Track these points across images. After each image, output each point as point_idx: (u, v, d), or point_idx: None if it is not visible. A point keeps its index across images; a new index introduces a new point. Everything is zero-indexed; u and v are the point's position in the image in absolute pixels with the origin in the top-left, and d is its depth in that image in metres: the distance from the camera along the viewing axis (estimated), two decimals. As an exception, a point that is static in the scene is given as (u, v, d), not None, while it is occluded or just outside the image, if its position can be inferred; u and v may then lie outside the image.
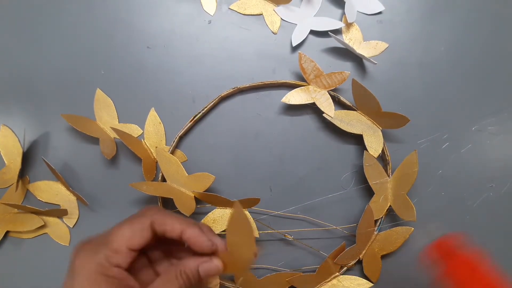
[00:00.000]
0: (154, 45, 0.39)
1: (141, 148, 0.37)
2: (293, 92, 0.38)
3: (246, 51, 0.40)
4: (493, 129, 0.40)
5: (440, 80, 0.40)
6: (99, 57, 0.39)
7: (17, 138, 0.39)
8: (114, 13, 0.40)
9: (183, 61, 0.39)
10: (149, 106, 0.39)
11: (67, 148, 0.39)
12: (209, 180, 0.35)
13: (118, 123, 0.39)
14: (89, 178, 0.39)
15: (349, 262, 0.37)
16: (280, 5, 0.40)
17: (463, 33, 0.40)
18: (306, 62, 0.37)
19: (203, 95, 0.39)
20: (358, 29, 0.40)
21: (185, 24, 0.40)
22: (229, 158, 0.39)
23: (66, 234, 0.39)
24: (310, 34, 0.40)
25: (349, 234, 0.38)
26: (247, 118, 0.39)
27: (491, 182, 0.39)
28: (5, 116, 0.39)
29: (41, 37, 0.39)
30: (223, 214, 0.37)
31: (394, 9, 0.40)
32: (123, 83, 0.39)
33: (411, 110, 0.39)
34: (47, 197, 0.39)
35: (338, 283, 0.37)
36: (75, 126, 0.37)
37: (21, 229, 0.38)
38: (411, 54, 0.40)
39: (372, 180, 0.37)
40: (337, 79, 0.37)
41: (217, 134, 0.39)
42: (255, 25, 0.40)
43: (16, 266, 0.39)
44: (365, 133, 0.37)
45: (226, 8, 0.40)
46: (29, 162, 0.39)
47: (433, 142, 0.39)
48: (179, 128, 0.38)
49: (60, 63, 0.39)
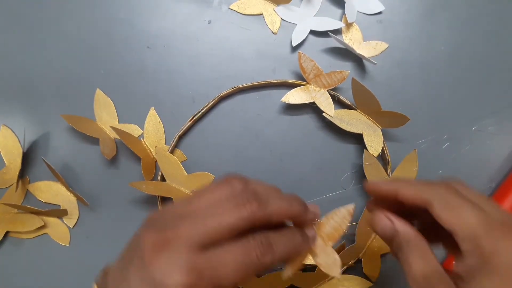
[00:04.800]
0: (154, 45, 0.39)
1: (140, 148, 0.37)
2: (292, 92, 0.38)
3: (246, 51, 0.40)
4: (493, 129, 0.40)
5: (440, 80, 0.40)
6: (99, 57, 0.39)
7: (17, 138, 0.39)
8: (114, 13, 0.40)
9: (183, 61, 0.39)
10: (149, 106, 0.39)
11: (67, 148, 0.39)
12: (209, 179, 0.35)
13: (118, 123, 0.39)
14: (89, 178, 0.39)
15: (349, 261, 0.37)
16: (280, 5, 0.40)
17: (463, 33, 0.40)
18: (306, 61, 0.37)
19: (203, 95, 0.39)
20: (358, 29, 0.40)
21: (185, 24, 0.40)
22: (228, 158, 0.39)
23: (66, 234, 0.39)
24: (310, 34, 0.40)
25: (348, 233, 0.38)
26: (247, 117, 0.39)
27: (491, 182, 0.39)
28: (5, 116, 0.39)
29: (41, 37, 0.40)
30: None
31: (394, 9, 0.40)
32: (123, 83, 0.39)
33: (411, 110, 0.39)
34: (47, 198, 0.39)
35: (337, 282, 0.37)
36: (75, 126, 0.37)
37: (21, 229, 0.38)
38: (411, 54, 0.40)
39: (372, 179, 0.37)
40: (337, 78, 0.37)
41: (216, 133, 0.39)
42: (255, 25, 0.40)
43: (16, 266, 0.39)
44: (365, 132, 0.37)
45: (226, 8, 0.40)
46: (29, 162, 0.39)
47: (433, 142, 0.39)
48: (179, 127, 0.38)
49: (60, 63, 0.39)
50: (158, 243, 0.20)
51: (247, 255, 0.21)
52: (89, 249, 0.39)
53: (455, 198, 0.22)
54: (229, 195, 0.23)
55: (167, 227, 0.21)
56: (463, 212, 0.22)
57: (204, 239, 0.21)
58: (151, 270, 0.20)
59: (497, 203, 0.22)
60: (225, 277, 0.20)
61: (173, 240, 0.20)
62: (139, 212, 0.39)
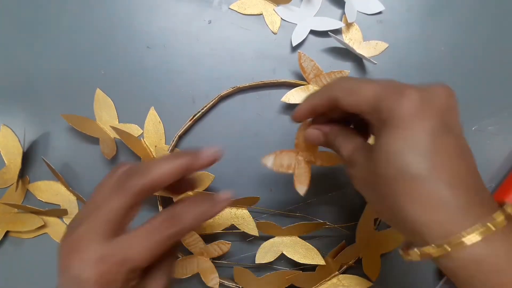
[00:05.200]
0: (154, 45, 0.39)
1: (140, 147, 0.37)
2: (293, 92, 0.38)
3: (246, 51, 0.40)
4: (493, 129, 0.40)
5: (440, 80, 0.40)
6: (99, 57, 0.39)
7: (17, 138, 0.39)
8: (114, 13, 0.40)
9: (183, 61, 0.39)
10: (149, 106, 0.39)
11: (67, 148, 0.39)
12: (209, 179, 0.35)
13: (118, 123, 0.39)
14: (89, 178, 0.39)
15: (349, 261, 0.37)
16: (280, 5, 0.40)
17: (463, 33, 0.40)
18: (306, 61, 0.37)
19: (203, 95, 0.39)
20: (358, 29, 0.40)
21: (185, 24, 0.40)
22: (228, 157, 0.39)
23: (66, 234, 0.39)
24: (310, 34, 0.40)
25: (349, 233, 0.38)
26: (247, 117, 0.39)
27: (491, 182, 0.39)
28: (5, 116, 0.39)
29: (41, 37, 0.40)
30: (222, 213, 0.37)
31: (394, 9, 0.40)
32: (123, 83, 0.39)
33: (411, 110, 0.39)
34: (47, 197, 0.39)
35: (337, 281, 0.37)
36: (75, 126, 0.37)
37: (21, 229, 0.38)
38: (411, 54, 0.40)
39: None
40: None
41: (216, 133, 0.39)
42: (255, 25, 0.40)
43: (16, 266, 0.39)
44: (365, 133, 0.37)
45: (226, 8, 0.40)
46: (29, 162, 0.39)
47: (433, 141, 0.39)
48: (179, 127, 0.38)
49: (60, 63, 0.39)
50: (70, 246, 0.23)
51: (153, 232, 0.23)
52: (89, 249, 0.39)
53: (355, 83, 0.24)
54: (113, 181, 0.25)
55: (74, 229, 0.23)
56: (362, 92, 0.23)
57: (105, 229, 0.23)
58: (71, 272, 0.22)
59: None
60: (137, 257, 0.23)
61: (80, 238, 0.23)
62: (138, 212, 0.39)
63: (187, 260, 0.37)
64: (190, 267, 0.37)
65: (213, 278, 0.37)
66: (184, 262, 0.37)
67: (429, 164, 0.20)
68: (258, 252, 0.36)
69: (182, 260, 0.37)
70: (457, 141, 0.22)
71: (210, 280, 0.37)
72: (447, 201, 0.20)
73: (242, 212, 0.37)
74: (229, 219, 0.37)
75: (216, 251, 0.37)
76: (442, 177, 0.20)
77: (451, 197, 0.20)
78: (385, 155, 0.22)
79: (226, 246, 0.36)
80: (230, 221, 0.37)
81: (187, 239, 0.36)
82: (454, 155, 0.21)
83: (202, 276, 0.37)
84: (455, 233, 0.20)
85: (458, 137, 0.22)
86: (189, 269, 0.37)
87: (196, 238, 0.36)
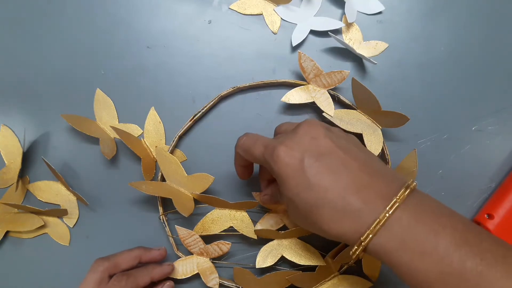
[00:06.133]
0: (154, 45, 0.39)
1: (140, 148, 0.37)
2: (292, 92, 0.38)
3: (246, 51, 0.40)
4: (493, 129, 0.40)
5: (440, 80, 0.40)
6: (99, 57, 0.39)
7: (17, 138, 0.39)
8: (114, 13, 0.40)
9: (183, 61, 0.39)
10: (149, 106, 0.39)
11: (67, 148, 0.39)
12: (209, 180, 0.35)
13: (118, 123, 0.39)
14: (89, 178, 0.39)
15: (349, 261, 0.37)
16: (280, 5, 0.40)
17: (463, 33, 0.40)
18: (306, 61, 0.37)
19: (203, 95, 0.39)
20: (358, 29, 0.40)
21: (185, 24, 0.40)
22: (228, 158, 0.39)
23: (66, 234, 0.39)
24: (310, 34, 0.40)
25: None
26: (247, 117, 0.39)
27: (491, 182, 0.39)
28: (5, 116, 0.39)
29: (41, 37, 0.40)
30: (221, 215, 0.37)
31: (394, 9, 0.40)
32: (123, 83, 0.39)
33: (411, 110, 0.39)
34: (47, 197, 0.39)
35: (337, 282, 0.37)
36: (75, 126, 0.37)
37: (21, 229, 0.38)
38: (411, 54, 0.40)
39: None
40: (337, 78, 0.37)
41: (216, 133, 0.39)
42: (255, 25, 0.40)
43: (16, 266, 0.39)
44: (365, 132, 0.37)
45: (226, 8, 0.40)
46: (29, 162, 0.39)
47: (433, 142, 0.39)
48: (179, 127, 0.38)
49: (60, 63, 0.39)
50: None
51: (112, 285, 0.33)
52: (89, 249, 0.39)
53: (250, 144, 0.31)
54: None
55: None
56: (253, 152, 0.30)
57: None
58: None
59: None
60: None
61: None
62: (139, 212, 0.39)
63: (187, 260, 0.37)
64: (190, 267, 0.37)
65: (213, 279, 0.37)
66: (184, 262, 0.37)
67: (317, 193, 0.26)
68: (258, 256, 0.36)
69: (182, 260, 0.37)
70: (331, 159, 0.26)
71: (210, 280, 0.37)
72: (345, 212, 0.25)
73: (242, 215, 0.37)
74: (228, 221, 0.37)
75: (216, 251, 0.37)
76: (332, 196, 0.25)
77: (346, 207, 0.25)
78: (287, 200, 0.28)
79: (226, 246, 0.36)
80: (229, 223, 0.37)
81: (187, 239, 0.36)
82: (332, 172, 0.26)
83: (202, 276, 0.37)
84: (363, 232, 0.25)
85: (332, 154, 0.27)
86: (189, 269, 0.37)
87: (196, 238, 0.36)
